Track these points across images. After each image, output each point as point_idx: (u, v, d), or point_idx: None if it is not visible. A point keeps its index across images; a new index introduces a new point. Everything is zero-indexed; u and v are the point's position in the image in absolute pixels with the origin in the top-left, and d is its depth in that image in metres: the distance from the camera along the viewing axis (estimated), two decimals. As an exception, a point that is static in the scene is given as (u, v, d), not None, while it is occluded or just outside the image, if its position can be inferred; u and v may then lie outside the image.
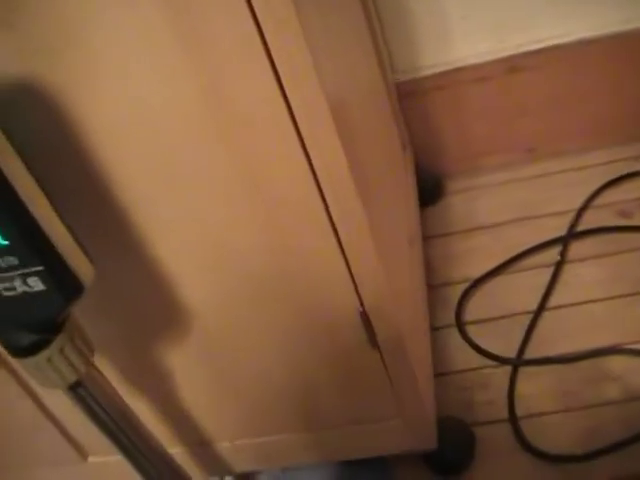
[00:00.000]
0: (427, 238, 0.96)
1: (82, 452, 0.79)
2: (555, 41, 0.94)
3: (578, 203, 0.94)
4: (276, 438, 0.73)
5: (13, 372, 0.70)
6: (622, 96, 0.98)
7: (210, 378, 0.67)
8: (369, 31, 0.90)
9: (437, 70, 0.98)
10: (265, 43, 0.46)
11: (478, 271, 0.90)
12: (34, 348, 0.53)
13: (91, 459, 0.80)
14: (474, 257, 0.92)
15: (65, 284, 0.49)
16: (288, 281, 0.59)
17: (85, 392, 0.58)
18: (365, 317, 0.61)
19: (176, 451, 0.73)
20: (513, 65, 0.96)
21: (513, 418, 0.76)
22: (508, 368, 0.80)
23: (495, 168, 1.03)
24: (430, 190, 1.02)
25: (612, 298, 0.83)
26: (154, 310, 0.62)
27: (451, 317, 0.86)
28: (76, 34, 0.46)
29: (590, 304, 0.83)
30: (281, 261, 0.58)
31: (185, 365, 0.67)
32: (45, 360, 0.54)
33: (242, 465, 0.77)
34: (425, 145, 1.02)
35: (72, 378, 0.56)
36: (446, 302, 0.88)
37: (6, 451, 0.80)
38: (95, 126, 0.50)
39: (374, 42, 0.92)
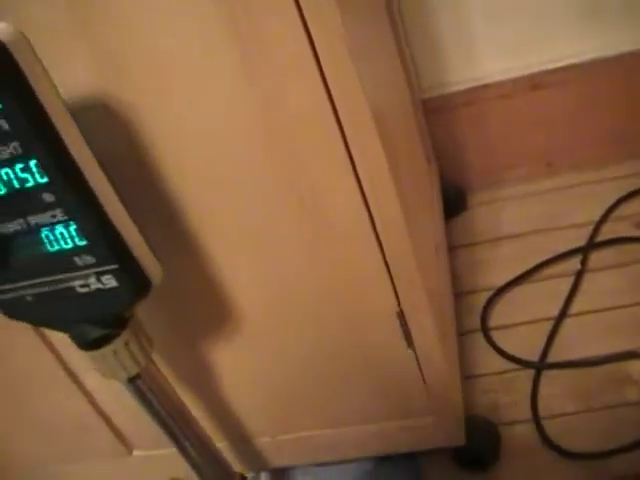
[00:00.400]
0: (452, 248, 1.00)
1: (127, 446, 0.83)
2: (575, 59, 0.99)
3: (597, 215, 0.98)
4: (314, 433, 0.77)
5: (67, 370, 0.75)
6: (638, 112, 1.03)
7: (254, 374, 0.72)
8: (397, 48, 0.95)
9: (462, 87, 1.03)
10: (318, 59, 0.50)
11: (502, 279, 0.94)
12: (102, 341, 0.58)
13: (136, 453, 0.84)
14: (498, 266, 0.97)
15: (136, 282, 0.53)
16: (330, 282, 0.63)
17: (144, 384, 0.62)
18: (402, 317, 0.65)
19: (218, 446, 0.77)
20: (535, 82, 1.01)
21: (536, 418, 0.80)
22: (531, 371, 0.84)
23: (517, 181, 1.07)
24: (454, 202, 1.07)
25: (631, 305, 0.87)
26: (205, 309, 0.67)
27: (476, 323, 0.91)
28: (146, 50, 0.51)
29: (609, 311, 0.87)
30: (325, 264, 0.62)
31: (232, 362, 0.71)
32: (112, 353, 0.58)
33: (280, 460, 0.81)
34: (450, 159, 1.07)
35: (134, 370, 0.60)
36: (471, 309, 0.92)
37: (55, 444, 0.84)
38: (160, 137, 0.55)
39: (402, 59, 0.97)
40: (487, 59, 1.01)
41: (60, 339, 0.70)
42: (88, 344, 0.58)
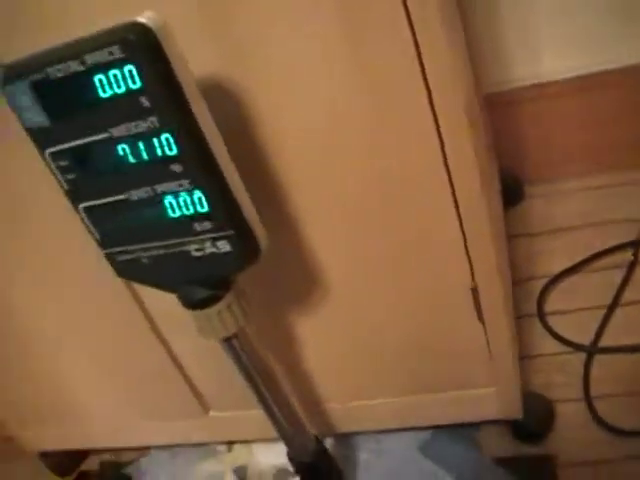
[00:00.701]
0: (509, 237, 1.06)
1: (204, 406, 0.89)
2: (631, 61, 1.03)
3: None
4: (381, 401, 0.83)
5: (157, 334, 0.82)
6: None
7: (331, 343, 0.78)
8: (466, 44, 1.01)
9: (524, 83, 1.08)
10: (422, 65, 0.56)
11: (557, 268, 1.00)
12: (207, 302, 0.64)
13: (212, 413, 0.90)
14: (553, 256, 1.02)
15: (248, 248, 0.58)
16: (414, 260, 0.69)
17: (239, 344, 0.68)
18: (476, 293, 0.71)
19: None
20: (594, 82, 1.06)
21: (587, 397, 0.85)
22: (583, 354, 0.89)
23: (571, 176, 1.12)
24: (511, 192, 1.12)
25: (680, 296, 0.92)
26: (294, 280, 0.73)
27: (533, 308, 0.96)
28: (272, 46, 0.57)
29: (661, 300, 0.92)
30: (410, 243, 0.68)
31: (311, 330, 0.77)
32: (216, 313, 0.64)
33: (347, 426, 0.87)
34: (509, 150, 1.12)
35: (232, 330, 0.66)
36: (528, 295, 0.98)
37: (139, 402, 0.90)
38: (270, 120, 0.61)
39: (470, 52, 1.02)
40: (550, 58, 1.06)
41: (153, 307, 0.77)
42: (194, 304, 0.64)
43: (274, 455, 0.92)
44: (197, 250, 0.60)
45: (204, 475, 0.94)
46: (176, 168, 0.55)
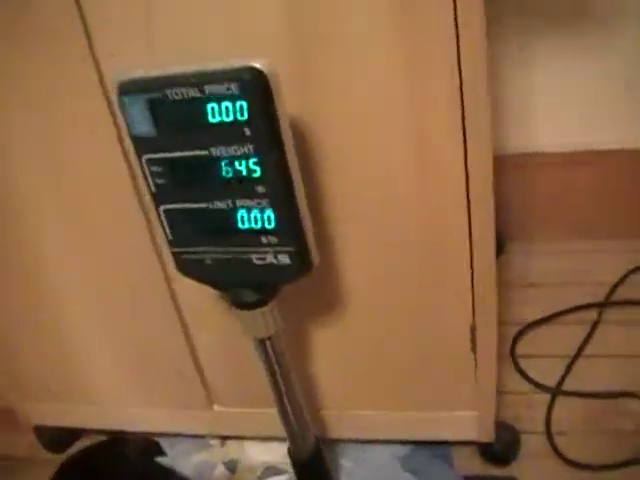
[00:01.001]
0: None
1: (210, 399, 0.98)
2: (617, 146, 1.18)
3: (614, 278, 1.18)
4: (374, 413, 0.93)
5: (183, 325, 0.91)
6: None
7: (341, 354, 0.88)
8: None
9: (516, 151, 1.23)
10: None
11: (530, 318, 1.13)
12: (255, 304, 0.74)
13: (216, 407, 0.99)
14: (527, 307, 1.15)
15: (303, 263, 0.68)
16: (426, 296, 0.81)
17: (271, 345, 0.78)
18: (474, 329, 0.83)
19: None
20: (579, 159, 1.21)
21: (549, 432, 0.97)
22: (548, 395, 1.02)
23: (550, 238, 1.27)
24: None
25: (635, 356, 1.05)
26: (318, 291, 0.83)
27: (507, 350, 1.09)
28: (340, 97, 0.69)
29: (616, 358, 1.06)
30: (426, 284, 0.80)
31: (325, 340, 0.87)
32: (260, 315, 0.74)
33: (339, 433, 0.97)
34: (496, 208, 1.25)
35: (271, 332, 0.76)
36: (503, 338, 1.10)
37: (150, 388, 0.99)
38: (334, 156, 0.73)
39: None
40: (541, 132, 1.20)
41: (184, 296, 0.86)
42: (242, 304, 0.74)
43: (264, 453, 1.01)
44: (258, 259, 0.69)
45: (196, 464, 1.02)
46: (259, 189, 0.65)
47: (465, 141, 0.70)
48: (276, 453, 1.00)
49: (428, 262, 0.79)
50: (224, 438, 1.05)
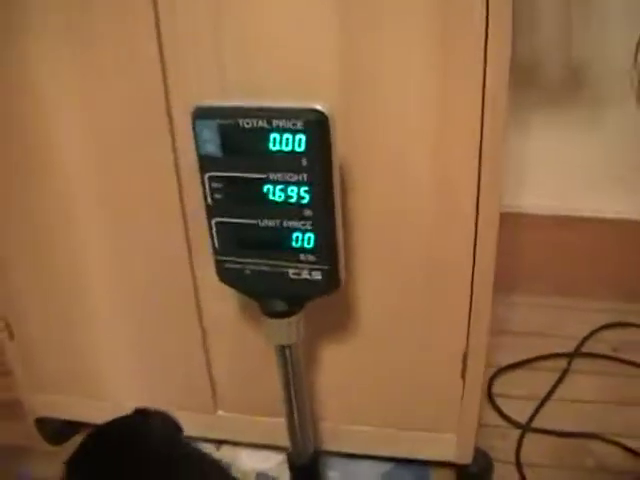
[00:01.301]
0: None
1: (215, 404, 1.06)
2: (596, 214, 1.32)
3: (584, 332, 1.31)
4: (364, 429, 1.02)
5: (203, 330, 1.00)
6: (629, 266, 1.37)
7: (344, 369, 0.97)
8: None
9: (507, 210, 1.34)
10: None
11: (507, 361, 1.25)
12: (283, 314, 0.83)
13: (220, 412, 1.07)
14: (504, 351, 1.27)
15: (333, 281, 0.77)
16: (427, 323, 0.91)
17: (290, 354, 0.87)
18: (465, 357, 0.93)
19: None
20: (561, 222, 1.34)
21: (518, 463, 1.08)
22: (519, 430, 1.13)
23: (531, 292, 1.40)
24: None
25: (598, 402, 1.17)
26: (333, 310, 0.92)
27: (484, 388, 1.20)
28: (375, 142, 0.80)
29: (583, 403, 1.17)
30: (428, 313, 0.91)
31: (332, 354, 0.96)
32: (287, 324, 0.83)
33: (331, 445, 1.05)
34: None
35: (292, 341, 0.85)
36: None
37: (159, 389, 1.07)
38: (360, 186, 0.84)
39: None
40: (533, 195, 1.34)
41: (207, 304, 0.95)
42: (275, 314, 0.83)
43: (257, 460, 1.09)
44: (294, 274, 0.79)
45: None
46: (306, 213, 0.74)
47: (479, 189, 0.81)
48: (269, 461, 1.08)
49: (433, 294, 0.89)
50: (220, 443, 1.13)
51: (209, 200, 0.78)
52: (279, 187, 0.75)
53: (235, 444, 1.12)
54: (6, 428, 1.20)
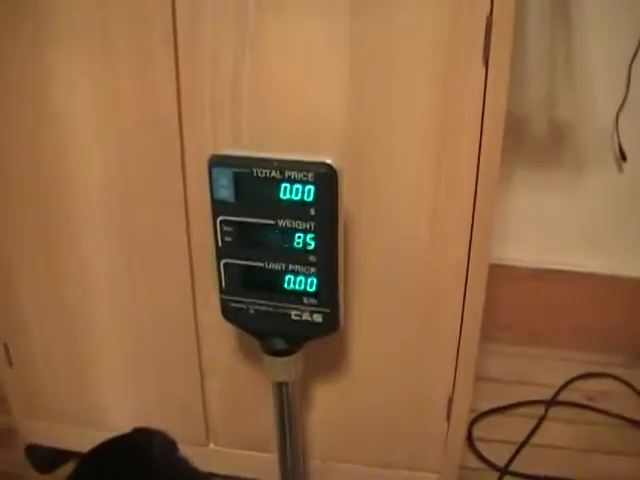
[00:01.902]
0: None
1: (208, 437, 1.10)
2: (574, 268, 1.40)
3: (560, 381, 1.37)
4: (350, 466, 1.07)
5: (200, 364, 1.04)
6: (603, 319, 1.44)
7: (335, 408, 1.02)
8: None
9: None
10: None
11: (486, 407, 1.30)
12: (283, 353, 0.87)
13: (211, 446, 1.11)
14: (483, 398, 1.32)
15: (333, 323, 0.82)
16: (416, 369, 0.96)
17: (286, 391, 0.90)
18: (451, 401, 0.98)
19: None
20: (540, 275, 1.41)
21: (495, 505, 1.13)
22: (497, 473, 1.18)
23: (505, 341, 1.46)
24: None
25: (573, 449, 1.23)
26: (328, 350, 0.98)
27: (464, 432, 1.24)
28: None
29: (559, 449, 1.23)
30: (416, 357, 0.96)
31: (325, 393, 1.01)
32: (286, 362, 0.87)
33: (317, 480, 1.10)
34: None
35: (291, 378, 0.89)
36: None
37: (151, 415, 1.10)
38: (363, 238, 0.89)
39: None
40: (515, 248, 1.40)
41: (207, 346, 0.99)
42: (275, 353, 0.87)
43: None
44: (296, 315, 0.83)
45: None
46: (310, 258, 0.80)
47: (470, 244, 0.87)
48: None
49: (423, 340, 0.94)
50: (211, 476, 1.16)
51: (219, 242, 0.83)
52: (286, 233, 0.80)
53: (225, 477, 1.15)
54: (-1, 455, 1.21)
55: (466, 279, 0.89)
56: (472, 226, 0.86)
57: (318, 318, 0.83)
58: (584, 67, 1.29)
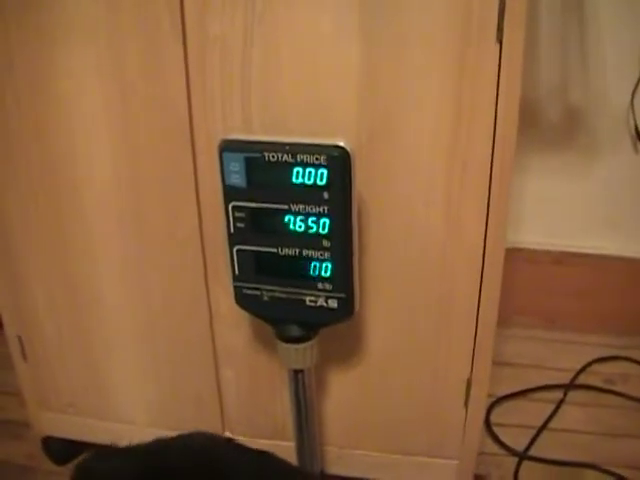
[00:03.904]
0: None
1: (223, 427, 1.08)
2: (593, 251, 1.38)
3: (578, 365, 1.35)
4: (367, 453, 1.05)
5: (215, 357, 1.03)
6: (621, 302, 1.42)
7: (352, 395, 1.01)
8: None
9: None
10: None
11: (504, 392, 1.29)
12: (299, 340, 0.86)
13: (227, 435, 1.10)
14: (501, 382, 1.31)
15: (348, 308, 0.81)
16: (434, 350, 0.95)
17: (302, 378, 0.90)
18: (469, 385, 0.97)
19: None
20: (558, 258, 1.39)
21: (515, 490, 1.11)
22: (516, 458, 1.16)
23: (524, 325, 1.44)
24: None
25: (590, 433, 1.21)
26: (345, 338, 0.96)
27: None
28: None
29: (577, 433, 1.21)
30: (436, 339, 0.95)
31: (340, 380, 1.00)
32: (302, 349, 0.86)
33: (335, 469, 1.08)
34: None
35: (307, 365, 0.88)
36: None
37: (169, 412, 1.10)
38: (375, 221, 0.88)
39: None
40: (530, 232, 1.39)
41: (221, 334, 0.98)
42: (290, 340, 0.86)
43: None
44: (311, 301, 0.82)
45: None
46: (324, 243, 0.79)
47: (486, 228, 0.86)
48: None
49: (440, 324, 0.93)
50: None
51: (231, 228, 0.82)
52: (300, 218, 0.79)
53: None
54: (12, 447, 1.21)
55: (482, 264, 0.87)
56: (487, 210, 0.85)
57: (333, 303, 0.81)
58: (597, 49, 1.27)
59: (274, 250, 0.81)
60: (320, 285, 0.81)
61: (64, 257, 0.99)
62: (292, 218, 0.79)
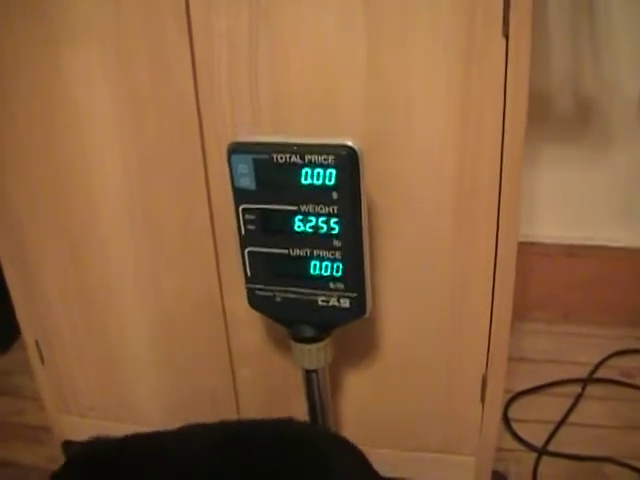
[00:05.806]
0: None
1: (240, 427, 1.10)
2: (608, 243, 1.37)
3: (596, 359, 1.34)
4: (383, 451, 1.05)
5: (231, 356, 1.03)
6: (637, 294, 1.41)
7: (366, 392, 1.01)
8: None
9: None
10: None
11: (522, 387, 1.28)
12: (312, 340, 0.87)
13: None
14: (519, 377, 1.30)
15: (360, 308, 0.82)
16: (449, 348, 0.95)
17: (316, 377, 0.90)
18: (485, 381, 0.97)
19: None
20: (572, 251, 1.38)
21: (534, 486, 1.11)
22: (535, 454, 1.16)
23: (540, 320, 1.43)
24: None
25: (610, 427, 1.20)
26: (360, 337, 0.97)
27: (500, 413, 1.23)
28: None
29: (596, 428, 1.20)
30: (451, 338, 0.94)
31: (353, 377, 1.00)
32: (315, 349, 0.87)
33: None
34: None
35: (320, 365, 0.89)
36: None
37: (183, 410, 1.10)
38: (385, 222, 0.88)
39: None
40: (543, 225, 1.38)
41: (236, 341, 0.99)
42: (304, 340, 0.86)
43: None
44: (323, 301, 0.82)
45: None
46: (335, 243, 0.79)
47: (498, 220, 0.85)
48: None
49: (454, 321, 0.93)
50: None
51: (242, 231, 0.82)
52: (310, 218, 0.79)
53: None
54: (33, 451, 1.22)
55: (495, 259, 0.87)
56: (499, 205, 0.84)
57: (345, 303, 0.82)
58: (609, 38, 1.26)
59: (285, 251, 0.81)
60: (332, 285, 0.81)
61: (78, 260, 1.00)
62: (302, 219, 0.79)
